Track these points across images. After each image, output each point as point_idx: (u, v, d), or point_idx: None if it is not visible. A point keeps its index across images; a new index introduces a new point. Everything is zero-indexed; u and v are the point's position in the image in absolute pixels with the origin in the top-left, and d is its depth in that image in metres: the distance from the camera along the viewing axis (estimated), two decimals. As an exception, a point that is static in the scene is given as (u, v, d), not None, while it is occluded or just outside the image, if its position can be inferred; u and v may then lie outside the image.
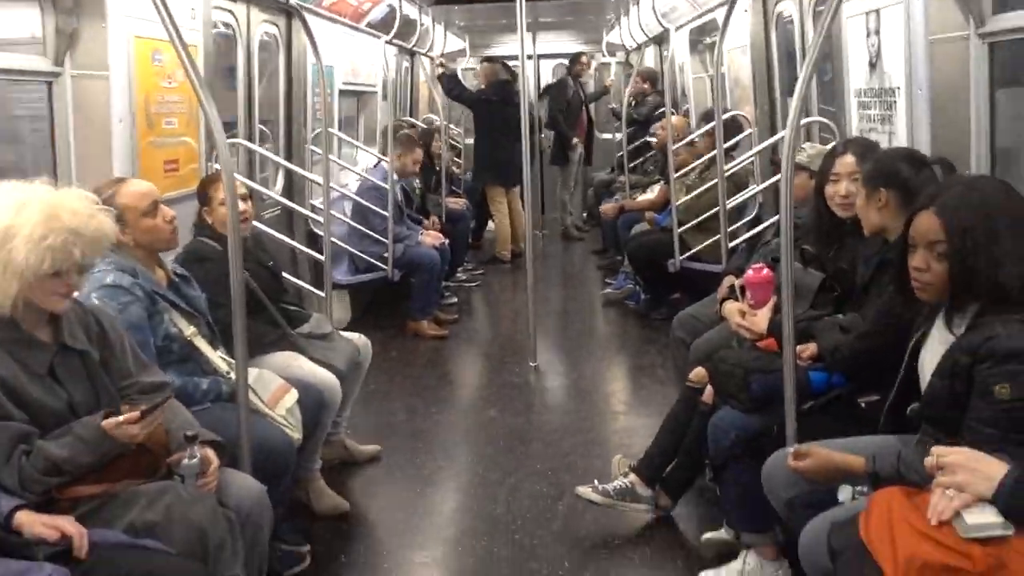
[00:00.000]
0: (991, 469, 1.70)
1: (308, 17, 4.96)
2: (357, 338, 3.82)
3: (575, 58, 9.59)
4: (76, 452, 2.06)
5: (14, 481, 2.00)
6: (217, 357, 2.93)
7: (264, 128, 5.63)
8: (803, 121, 4.20)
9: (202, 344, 2.87)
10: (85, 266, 2.20)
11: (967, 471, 1.71)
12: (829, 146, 4.03)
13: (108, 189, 2.79)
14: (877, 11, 3.42)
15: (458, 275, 7.41)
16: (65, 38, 3.23)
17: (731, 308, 3.26)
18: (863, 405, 2.59)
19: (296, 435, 2.93)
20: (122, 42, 3.35)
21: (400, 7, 6.44)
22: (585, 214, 9.81)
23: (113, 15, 3.28)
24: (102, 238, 2.18)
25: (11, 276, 2.02)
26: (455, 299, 6.97)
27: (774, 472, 2.40)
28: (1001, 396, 1.85)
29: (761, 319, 3.09)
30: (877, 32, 3.45)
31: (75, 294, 2.27)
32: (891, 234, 2.57)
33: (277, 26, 5.56)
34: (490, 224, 8.65)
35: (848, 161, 2.95)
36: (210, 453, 2.28)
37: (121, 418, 2.10)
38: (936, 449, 1.80)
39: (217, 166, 4.15)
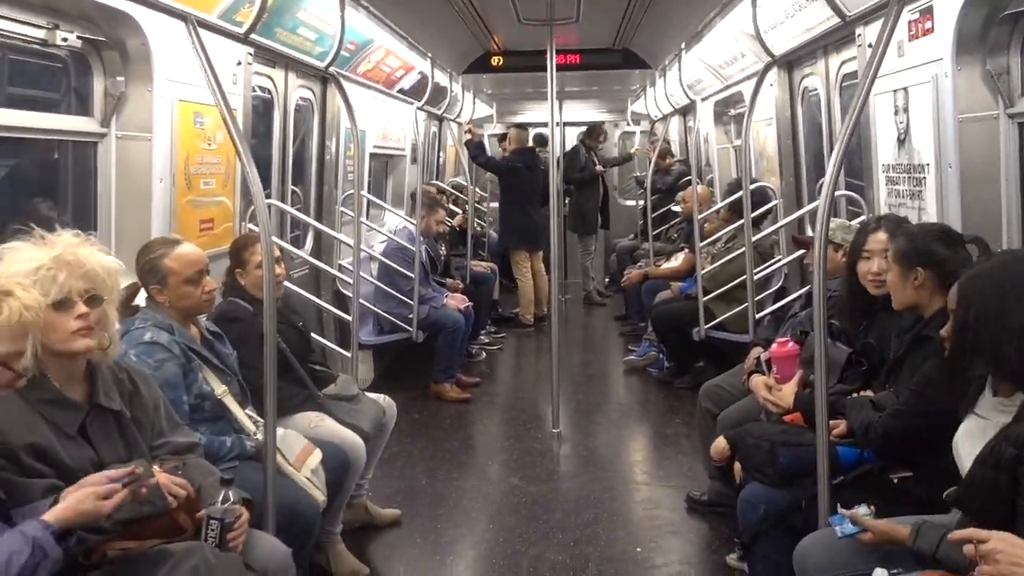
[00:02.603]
0: (1035, 558, 1.65)
1: (343, 83, 5.09)
2: (382, 399, 3.82)
3: (591, 130, 9.75)
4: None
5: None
6: (244, 416, 2.95)
7: (295, 189, 5.74)
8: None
9: (231, 403, 2.90)
10: (95, 299, 2.12)
11: (1010, 560, 1.66)
12: (856, 221, 4.05)
13: (160, 248, 2.86)
14: (906, 89, 3.45)
15: (480, 338, 7.44)
16: (112, 101, 3.35)
17: (757, 382, 3.26)
18: (895, 481, 2.56)
19: (321, 496, 2.92)
20: (166, 105, 3.47)
21: (432, 75, 6.60)
22: (607, 280, 9.83)
23: (159, 80, 3.40)
24: (92, 267, 2.12)
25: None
26: (483, 354, 7.11)
27: (807, 553, 2.34)
28: None
29: (787, 394, 3.08)
30: (906, 109, 3.48)
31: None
32: (926, 311, 2.56)
33: (312, 91, 5.70)
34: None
35: (881, 238, 2.96)
36: (242, 508, 2.28)
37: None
38: (973, 533, 1.76)
39: (251, 225, 4.23)
